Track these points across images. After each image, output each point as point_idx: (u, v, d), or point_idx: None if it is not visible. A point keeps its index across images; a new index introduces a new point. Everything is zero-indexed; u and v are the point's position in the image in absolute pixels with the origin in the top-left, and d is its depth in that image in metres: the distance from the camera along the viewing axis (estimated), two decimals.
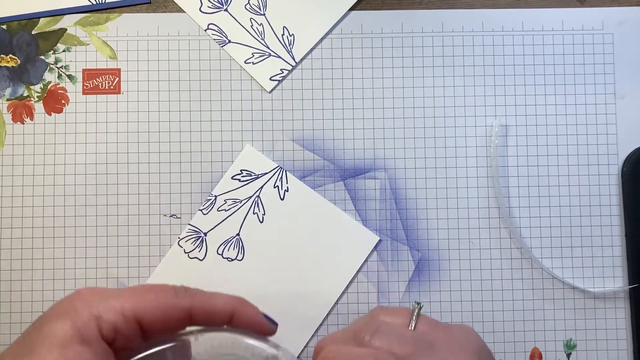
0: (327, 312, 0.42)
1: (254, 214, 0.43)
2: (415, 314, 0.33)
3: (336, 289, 0.42)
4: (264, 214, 0.43)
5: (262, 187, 0.43)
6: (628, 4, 0.44)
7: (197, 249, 0.42)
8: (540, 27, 0.44)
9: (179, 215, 0.43)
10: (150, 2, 0.44)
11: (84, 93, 0.43)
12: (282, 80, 0.44)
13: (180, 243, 0.42)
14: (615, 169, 0.43)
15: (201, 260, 0.42)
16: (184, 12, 0.44)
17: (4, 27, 0.43)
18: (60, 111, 0.43)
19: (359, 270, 0.42)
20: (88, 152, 0.43)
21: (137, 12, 0.44)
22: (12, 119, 0.43)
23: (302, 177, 0.43)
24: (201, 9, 0.44)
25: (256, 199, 0.43)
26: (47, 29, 0.43)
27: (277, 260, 0.42)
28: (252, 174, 0.43)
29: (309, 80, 0.44)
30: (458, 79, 0.44)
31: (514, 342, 0.42)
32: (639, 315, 0.42)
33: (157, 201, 0.43)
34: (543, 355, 0.42)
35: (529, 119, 0.44)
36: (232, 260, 0.42)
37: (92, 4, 0.43)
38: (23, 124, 0.43)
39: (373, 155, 0.43)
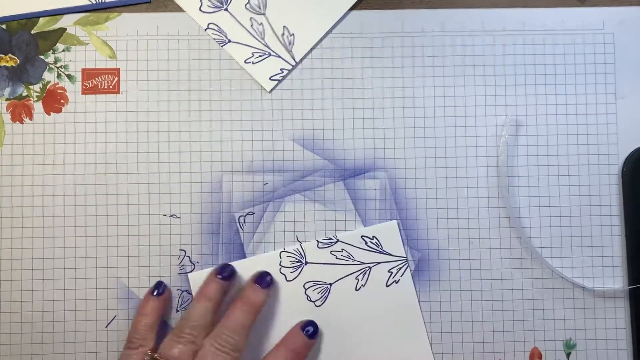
0: None
1: (355, 279, 0.42)
2: None
3: None
4: (364, 286, 0.42)
5: (378, 263, 0.42)
6: (628, 4, 0.44)
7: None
8: (540, 27, 0.44)
9: (178, 215, 0.43)
10: (150, 2, 0.44)
11: (83, 93, 0.43)
12: (282, 80, 0.44)
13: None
14: (615, 169, 0.43)
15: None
16: (184, 11, 0.44)
17: (4, 26, 0.43)
18: (59, 111, 0.43)
19: None
20: (87, 152, 0.43)
21: (137, 11, 0.44)
22: (12, 119, 0.43)
23: (302, 177, 0.43)
24: (201, 9, 0.44)
25: (367, 269, 0.42)
26: (47, 29, 0.43)
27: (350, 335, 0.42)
28: (380, 247, 0.42)
29: (309, 80, 0.44)
30: (458, 79, 0.44)
31: (514, 342, 0.42)
32: (639, 315, 0.42)
33: (157, 201, 0.43)
34: (543, 355, 0.42)
35: (529, 118, 0.44)
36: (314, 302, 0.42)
37: (92, 3, 0.43)
38: (22, 123, 0.43)
39: (373, 155, 0.43)
